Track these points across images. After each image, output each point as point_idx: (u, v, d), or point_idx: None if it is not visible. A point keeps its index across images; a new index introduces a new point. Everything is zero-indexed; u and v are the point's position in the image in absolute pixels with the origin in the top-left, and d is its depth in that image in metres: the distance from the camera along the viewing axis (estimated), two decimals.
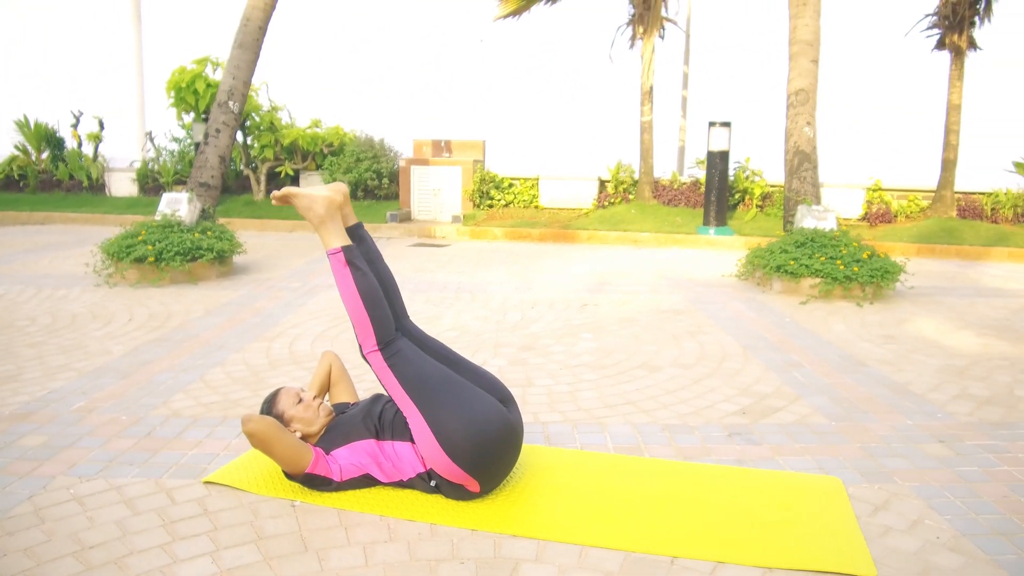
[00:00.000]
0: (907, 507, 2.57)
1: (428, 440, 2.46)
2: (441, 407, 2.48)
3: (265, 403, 2.75)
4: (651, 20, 11.41)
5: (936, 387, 4.01)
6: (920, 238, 10.17)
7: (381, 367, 2.57)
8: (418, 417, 2.49)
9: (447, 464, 2.44)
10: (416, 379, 2.53)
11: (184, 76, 11.38)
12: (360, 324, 2.58)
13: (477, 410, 2.49)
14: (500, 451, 2.50)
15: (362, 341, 2.59)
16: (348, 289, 2.58)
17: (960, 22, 10.60)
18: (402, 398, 2.53)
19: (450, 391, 2.52)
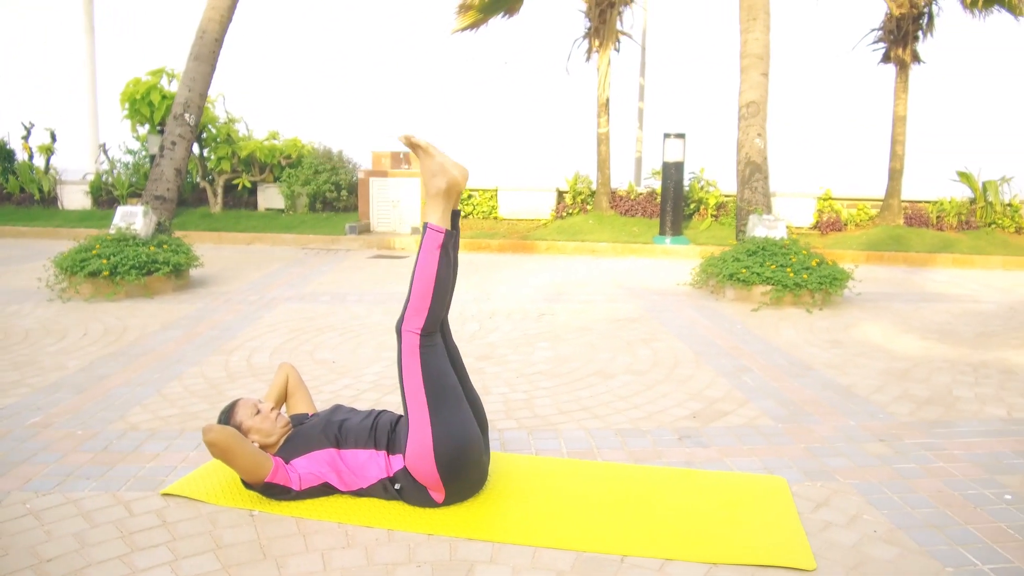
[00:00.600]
0: (847, 503, 2.70)
1: (423, 435, 2.50)
2: (447, 410, 2.54)
3: (223, 413, 2.77)
4: (607, 34, 11.61)
5: (879, 389, 4.17)
6: (869, 246, 10.48)
7: (412, 350, 2.56)
8: (424, 410, 2.52)
9: (429, 466, 2.50)
10: (437, 376, 2.57)
11: (139, 88, 11.27)
12: (418, 304, 2.55)
13: (467, 428, 2.57)
14: (474, 471, 2.60)
15: (408, 318, 2.56)
16: (429, 269, 2.54)
17: (904, 36, 10.99)
18: (416, 387, 2.54)
19: (457, 401, 2.59)
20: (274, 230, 11.56)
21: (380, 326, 5.61)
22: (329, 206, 12.71)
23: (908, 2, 10.89)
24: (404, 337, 2.57)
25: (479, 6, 11.81)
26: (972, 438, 3.40)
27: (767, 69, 8.39)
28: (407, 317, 2.57)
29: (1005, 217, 11.46)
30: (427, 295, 2.53)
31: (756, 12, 8.35)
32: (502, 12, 12.12)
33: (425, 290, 2.53)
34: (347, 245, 11.04)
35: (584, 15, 11.93)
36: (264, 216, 12.45)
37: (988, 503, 2.71)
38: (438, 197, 2.55)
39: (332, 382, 4.18)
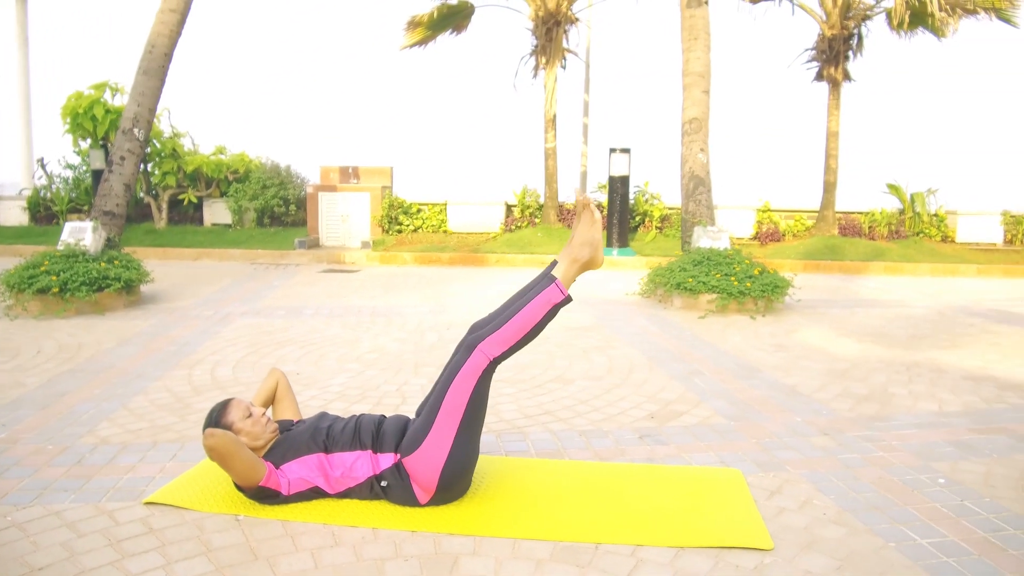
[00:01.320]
0: (797, 491, 2.91)
1: (439, 449, 2.63)
2: (470, 437, 2.69)
3: (213, 412, 2.80)
4: (553, 51, 11.88)
5: (821, 388, 4.44)
6: (806, 255, 10.94)
7: (475, 370, 2.66)
8: (453, 428, 2.64)
9: (432, 474, 2.62)
10: (479, 404, 2.71)
11: (81, 101, 11.08)
12: (508, 337, 2.66)
13: (475, 455, 2.75)
14: (465, 487, 2.77)
15: (491, 342, 2.66)
16: (533, 316, 2.66)
17: (836, 56, 11.55)
18: (459, 404, 2.65)
19: (478, 431, 2.76)
20: (222, 245, 11.45)
21: (340, 338, 5.68)
22: (277, 221, 12.66)
23: (839, 23, 11.46)
24: (475, 355, 2.66)
25: (428, 23, 11.98)
26: (907, 430, 3.67)
27: (708, 87, 8.75)
28: (490, 340, 2.67)
29: (932, 227, 12.10)
30: (519, 335, 2.67)
31: (697, 32, 8.71)
32: (450, 29, 12.31)
33: (521, 330, 2.66)
34: (296, 260, 11.01)
35: (531, 33, 12.20)
36: (211, 232, 12.32)
37: (924, 487, 2.96)
38: (577, 264, 2.73)
39: (298, 393, 4.23)
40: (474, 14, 12.25)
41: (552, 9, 11.77)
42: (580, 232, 2.73)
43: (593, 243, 2.72)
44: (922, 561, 2.36)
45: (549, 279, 2.70)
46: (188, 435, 3.51)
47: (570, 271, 2.72)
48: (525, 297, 2.72)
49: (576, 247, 2.73)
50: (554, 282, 2.68)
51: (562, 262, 2.74)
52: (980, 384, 4.57)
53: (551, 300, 2.66)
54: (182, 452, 3.30)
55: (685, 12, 8.75)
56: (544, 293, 2.66)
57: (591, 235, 2.73)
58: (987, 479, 3.06)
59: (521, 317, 2.66)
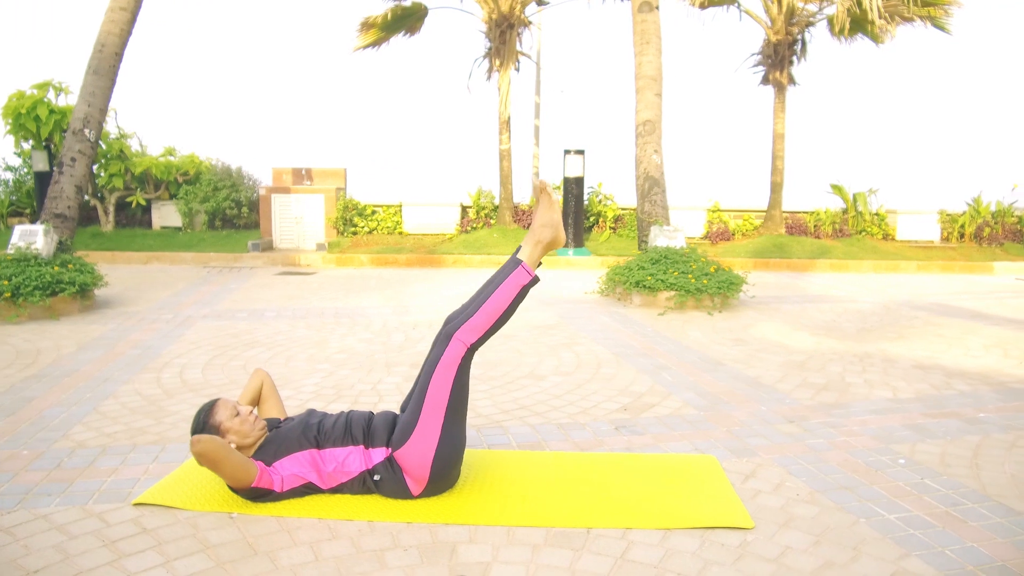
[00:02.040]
0: (770, 474, 3.06)
1: (429, 439, 2.68)
2: (456, 424, 2.76)
3: (201, 412, 2.80)
4: (507, 54, 11.99)
5: (782, 379, 4.62)
6: (755, 253, 11.27)
7: (454, 358, 2.72)
8: (439, 417, 2.70)
9: (423, 465, 2.68)
10: (461, 390, 2.76)
11: (24, 101, 10.76)
12: (481, 323, 2.72)
13: (463, 441, 2.81)
14: (453, 479, 2.83)
15: (466, 329, 2.72)
16: (503, 300, 2.73)
17: (781, 61, 11.92)
18: (442, 394, 2.71)
19: (464, 417, 2.82)
20: (172, 248, 11.26)
21: (307, 340, 5.67)
22: (229, 223, 12.48)
23: (784, 29, 11.84)
24: (452, 344, 2.73)
25: (381, 24, 11.96)
26: (866, 416, 3.86)
27: (661, 90, 8.95)
28: (465, 328, 2.74)
29: (873, 225, 12.57)
30: (491, 320, 2.74)
31: (649, 36, 8.90)
32: (404, 31, 12.32)
33: (493, 314, 2.74)
34: (250, 263, 10.89)
35: (484, 35, 12.29)
36: (160, 234, 12.09)
37: (886, 467, 3.13)
38: (540, 245, 2.81)
39: None
40: (427, 16, 12.29)
41: (505, 12, 11.88)
42: (540, 215, 2.83)
43: (553, 224, 2.82)
44: (891, 534, 2.52)
45: (515, 262, 2.79)
46: (168, 436, 3.50)
47: (534, 252, 2.82)
48: (494, 283, 2.80)
49: (538, 229, 2.83)
50: (520, 264, 2.78)
51: (526, 245, 2.84)
52: (929, 372, 4.82)
53: (520, 282, 2.76)
54: (164, 453, 3.28)
55: (637, 17, 8.94)
56: (512, 276, 2.77)
57: (550, 216, 2.83)
58: (943, 459, 3.25)
59: (492, 302, 2.75)
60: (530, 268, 2.78)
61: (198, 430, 2.78)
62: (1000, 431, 3.64)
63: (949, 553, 2.40)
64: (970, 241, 12.55)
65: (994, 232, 12.51)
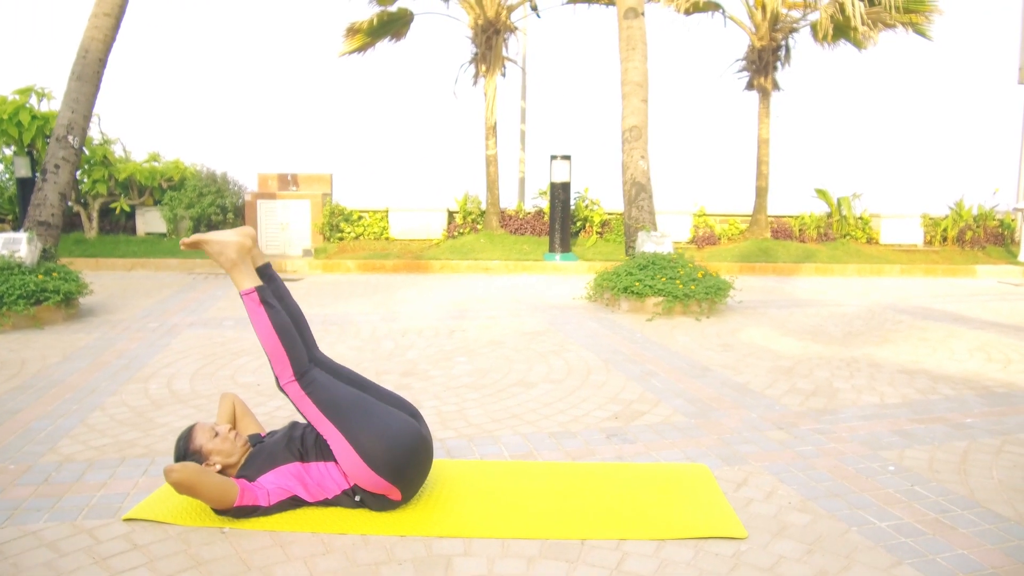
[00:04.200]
0: (762, 482, 3.07)
1: (350, 456, 2.65)
2: (358, 425, 2.68)
3: (181, 440, 2.81)
4: (493, 59, 12.00)
5: (770, 384, 4.65)
6: (741, 258, 11.33)
7: (299, 396, 2.73)
8: (338, 437, 2.67)
9: (370, 476, 2.65)
10: (331, 403, 2.72)
11: (5, 107, 10.66)
12: (276, 357, 2.73)
13: (391, 424, 2.72)
14: (416, 459, 2.73)
15: (279, 373, 2.74)
16: (263, 326, 2.72)
17: (765, 66, 12.00)
18: (321, 422, 2.70)
19: (364, 410, 2.74)
20: (157, 255, 11.17)
21: None
22: (215, 229, 12.39)
23: (768, 35, 11.93)
24: (288, 391, 2.74)
25: (367, 30, 11.95)
26: (854, 422, 3.89)
27: (647, 95, 8.99)
28: (277, 374, 2.75)
29: (857, 229, 12.68)
30: (278, 346, 2.73)
31: (635, 43, 8.94)
32: (389, 36, 12.31)
33: (273, 344, 2.73)
34: None
35: (471, 41, 12.30)
36: (145, 241, 11.99)
37: (876, 474, 3.16)
38: (235, 266, 2.78)
39: (262, 404, 4.22)
40: (413, 21, 12.29)
41: (491, 18, 11.90)
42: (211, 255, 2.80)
43: (220, 248, 2.77)
44: (883, 542, 2.54)
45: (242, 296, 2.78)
46: (156, 449, 3.47)
47: (238, 275, 2.78)
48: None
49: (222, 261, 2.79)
50: (242, 294, 2.77)
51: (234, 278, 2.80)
52: (914, 377, 4.86)
53: (253, 303, 2.75)
54: (153, 467, 3.25)
55: (623, 23, 8.98)
56: (247, 308, 2.77)
57: (213, 248, 2.78)
58: (931, 465, 3.28)
59: (262, 338, 2.74)
60: (247, 288, 2.76)
61: (180, 458, 2.78)
62: (987, 436, 3.68)
63: (941, 561, 2.43)
64: (953, 244, 12.69)
65: (976, 235, 12.66)
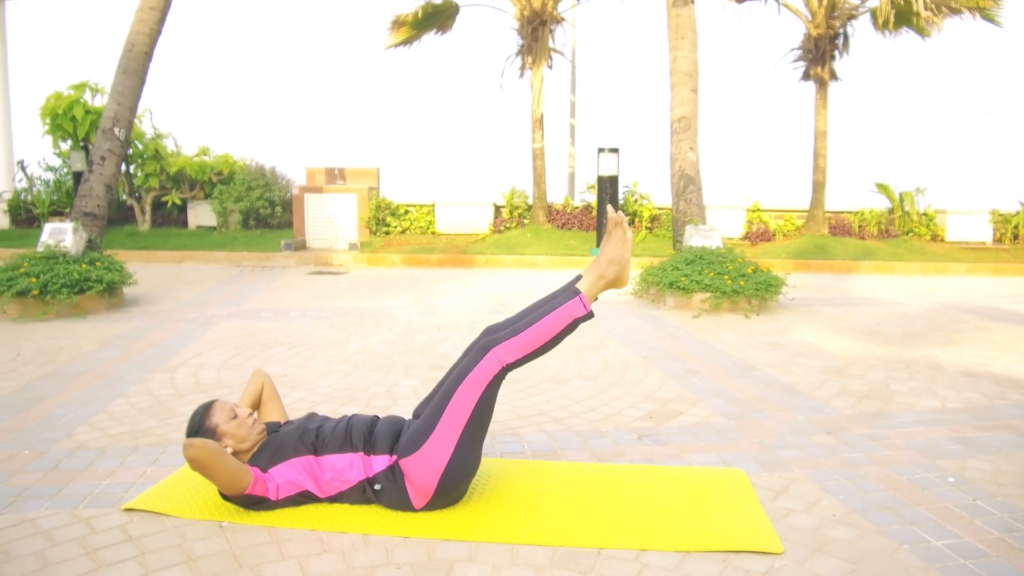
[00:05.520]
0: (804, 491, 2.82)
1: (441, 453, 2.51)
2: (473, 443, 2.59)
3: (197, 414, 2.67)
4: (539, 51, 11.80)
5: (820, 386, 4.35)
6: (796, 254, 10.90)
7: (486, 374, 2.54)
8: (456, 433, 2.53)
9: (430, 479, 2.50)
10: (485, 409, 2.59)
11: (61, 102, 10.89)
12: (524, 344, 2.55)
13: (476, 462, 2.64)
14: (462, 492, 2.65)
15: (507, 348, 2.55)
16: (552, 328, 2.55)
17: (822, 55, 11.52)
18: (464, 408, 2.54)
19: (482, 438, 2.64)
20: (206, 248, 11.29)
21: (327, 340, 5.54)
22: (263, 223, 12.49)
23: (824, 23, 11.45)
24: (488, 359, 2.55)
25: (412, 22, 11.86)
26: (911, 428, 3.59)
27: (696, 85, 8.68)
28: (505, 346, 2.55)
29: (921, 226, 12.10)
30: (535, 344, 2.56)
31: (684, 31, 8.64)
32: (435, 29, 12.20)
33: (539, 340, 2.56)
34: (282, 262, 10.86)
35: (517, 33, 12.12)
36: (195, 234, 12.15)
37: (933, 486, 2.87)
38: (602, 281, 2.63)
39: (285, 395, 4.11)
40: (459, 14, 12.15)
41: (537, 8, 11.69)
42: (609, 249, 2.65)
43: (621, 262, 2.64)
44: (938, 563, 2.27)
45: (573, 292, 2.60)
46: (170, 439, 3.38)
47: (595, 287, 2.64)
48: (547, 307, 2.62)
49: (604, 264, 2.64)
50: (579, 295, 2.59)
51: (587, 276, 2.65)
52: (979, 381, 4.50)
53: (574, 314, 2.57)
54: (164, 456, 3.16)
55: (671, 11, 8.68)
56: (567, 306, 2.57)
57: (620, 254, 2.64)
58: (996, 477, 2.97)
59: (541, 327, 2.56)
60: (587, 301, 2.59)
61: (193, 433, 2.64)
62: None
63: None
64: None
65: None
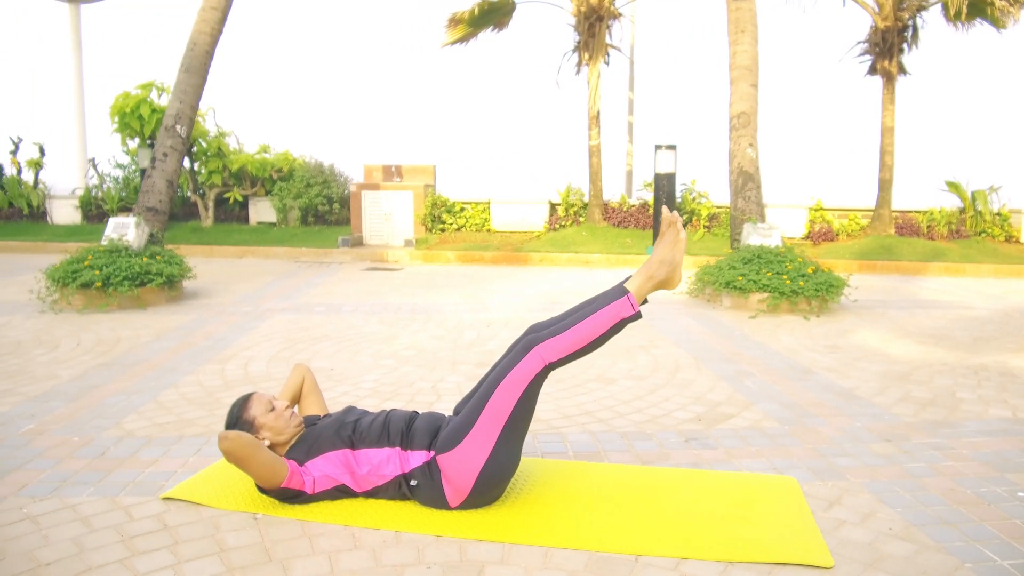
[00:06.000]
0: (859, 501, 2.67)
1: (479, 451, 2.46)
2: (512, 443, 2.54)
3: (235, 407, 2.68)
4: (596, 47, 11.66)
5: (880, 391, 4.15)
6: (861, 255, 10.52)
7: (529, 372, 2.50)
8: (495, 431, 2.49)
9: (468, 477, 2.46)
10: (526, 409, 2.55)
11: (128, 101, 11.22)
12: (570, 344, 2.51)
13: (516, 462, 2.58)
14: (500, 492, 2.60)
15: (551, 346, 2.51)
16: (598, 327, 2.51)
17: (890, 49, 11.09)
18: (504, 406, 2.50)
19: (522, 437, 2.60)
20: (266, 243, 11.50)
21: (377, 335, 5.55)
22: (321, 219, 12.67)
23: (893, 15, 11.01)
24: (531, 356, 2.50)
25: (468, 20, 11.86)
26: (978, 438, 3.38)
27: (756, 80, 8.44)
28: (549, 344, 2.51)
29: (994, 226, 11.54)
30: (580, 344, 2.51)
31: (744, 24, 8.41)
32: (491, 26, 12.18)
33: (583, 340, 2.51)
34: (339, 258, 10.99)
35: (573, 29, 12.00)
36: (255, 230, 12.39)
37: (1001, 500, 2.68)
38: (652, 281, 2.58)
39: (330, 389, 4.12)
40: (515, 10, 12.10)
41: (594, 4, 11.56)
42: (662, 250, 2.58)
43: (673, 263, 2.58)
44: None
45: (622, 291, 2.53)
46: (214, 429, 3.41)
47: (645, 287, 2.57)
48: (593, 305, 2.56)
49: (655, 264, 2.57)
50: (627, 295, 2.52)
51: (637, 277, 2.58)
52: None
53: (620, 314, 2.51)
54: (207, 446, 3.19)
55: (731, 4, 8.46)
56: (615, 305, 2.51)
57: (672, 255, 2.58)
58: None
59: (586, 325, 2.50)
60: (636, 302, 2.52)
61: (231, 425, 2.65)
62: None
63: None
64: None
65: None
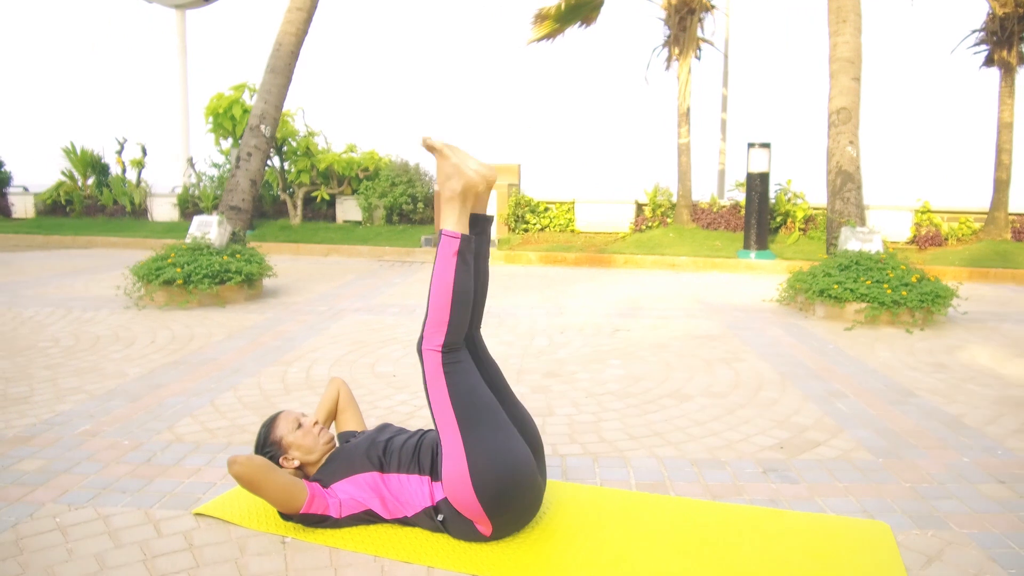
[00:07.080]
0: (964, 558, 2.29)
1: (458, 463, 2.24)
2: (482, 432, 2.27)
3: (264, 427, 2.57)
4: (687, 41, 11.23)
5: (993, 420, 3.69)
6: (972, 262, 9.73)
7: (435, 370, 2.31)
8: (456, 435, 2.27)
9: (468, 495, 2.23)
10: (466, 394, 2.31)
11: (222, 102, 11.54)
12: (437, 318, 2.31)
13: (511, 448, 2.29)
14: (523, 499, 2.31)
15: (428, 335, 2.32)
16: (444, 279, 2.29)
17: (1009, 37, 10.21)
18: (445, 410, 2.29)
19: (494, 421, 2.32)
20: (351, 242, 11.62)
21: None
22: (405, 218, 12.71)
23: (1013, 1, 10.12)
24: (425, 356, 2.30)
25: (555, 16, 11.64)
26: None
27: (858, 73, 7.89)
28: (426, 335, 2.31)
29: None
30: (445, 308, 2.28)
31: (846, 14, 7.87)
32: (579, 22, 11.92)
33: (443, 302, 2.27)
34: (422, 258, 10.97)
35: (663, 23, 11.60)
36: (341, 228, 12.55)
37: None
38: (453, 200, 2.29)
39: (389, 397, 3.98)
40: (603, 5, 11.79)
41: None
42: (439, 172, 2.31)
43: (453, 172, 2.27)
44: None
45: (439, 235, 2.30)
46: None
47: (450, 211, 2.28)
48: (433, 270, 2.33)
49: (443, 188, 2.29)
50: (441, 233, 2.28)
51: (442, 210, 2.32)
52: None
53: (449, 250, 2.26)
54: None
55: None
56: (439, 249, 2.28)
57: (447, 167, 2.29)
58: None
59: (435, 290, 2.27)
60: (453, 230, 2.26)
61: (259, 447, 2.53)
62: None
63: None
64: None
65: None
